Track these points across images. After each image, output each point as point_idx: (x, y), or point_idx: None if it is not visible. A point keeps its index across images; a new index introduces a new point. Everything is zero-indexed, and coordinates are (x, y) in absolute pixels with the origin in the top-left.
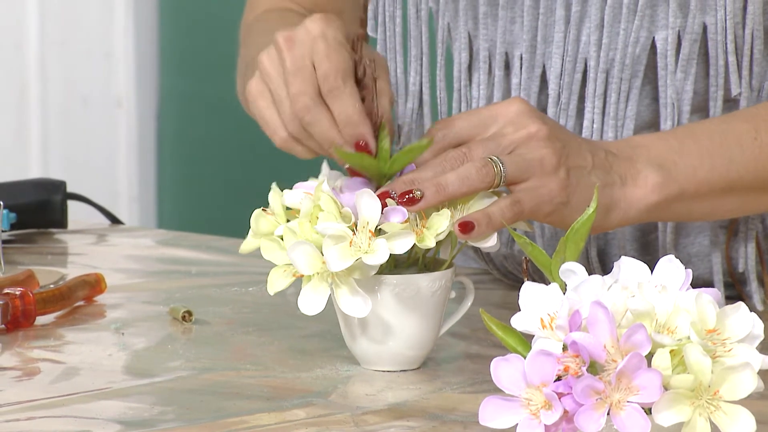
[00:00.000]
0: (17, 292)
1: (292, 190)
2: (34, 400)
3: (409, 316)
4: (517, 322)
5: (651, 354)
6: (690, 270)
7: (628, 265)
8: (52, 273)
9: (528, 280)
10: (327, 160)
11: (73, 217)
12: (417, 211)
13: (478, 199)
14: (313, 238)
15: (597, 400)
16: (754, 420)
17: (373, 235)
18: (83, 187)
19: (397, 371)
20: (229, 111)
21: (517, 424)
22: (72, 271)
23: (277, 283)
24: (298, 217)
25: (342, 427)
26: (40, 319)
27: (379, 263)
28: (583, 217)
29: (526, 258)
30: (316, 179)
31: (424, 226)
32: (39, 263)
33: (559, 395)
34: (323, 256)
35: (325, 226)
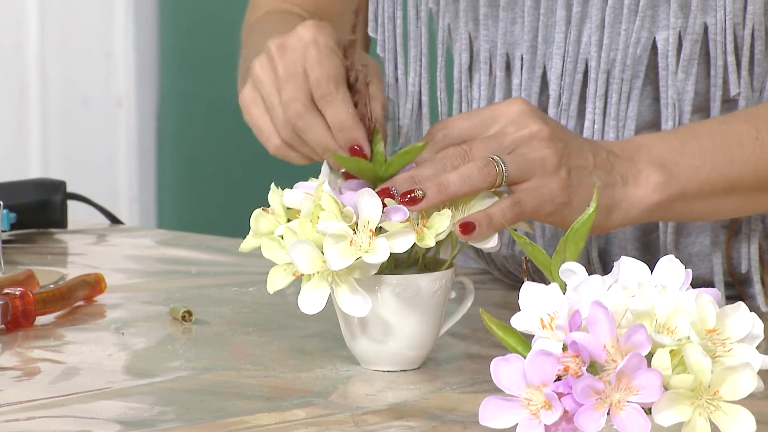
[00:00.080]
0: (17, 292)
1: (292, 190)
2: (34, 400)
3: (409, 316)
4: (517, 322)
5: (651, 354)
6: (690, 270)
7: (628, 265)
8: (52, 273)
9: (528, 280)
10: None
11: (73, 217)
12: (418, 211)
13: (479, 199)
14: (313, 237)
15: (597, 400)
16: (754, 420)
17: (374, 235)
18: (83, 187)
19: (397, 371)
20: (229, 111)
21: (517, 424)
22: (72, 271)
23: (276, 281)
24: (297, 217)
25: (342, 427)
26: (40, 319)
27: (380, 262)
28: (583, 217)
29: (526, 258)
30: (316, 179)
31: (425, 225)
32: (39, 263)
33: (559, 395)
34: (323, 255)
35: (326, 224)
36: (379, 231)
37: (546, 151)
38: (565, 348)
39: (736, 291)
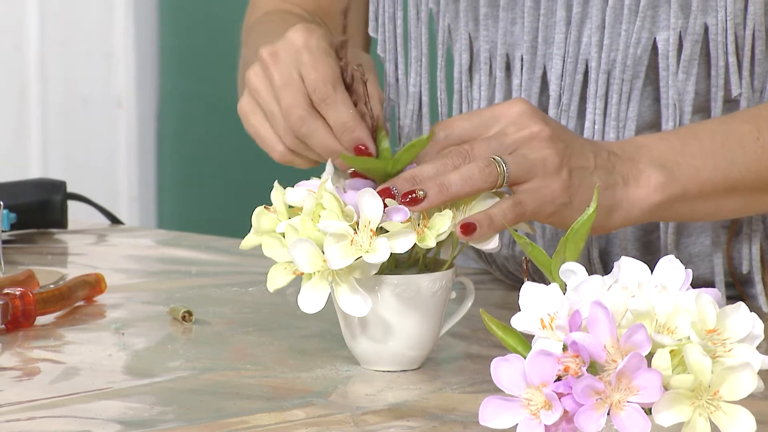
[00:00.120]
0: (17, 292)
1: (295, 187)
2: (34, 400)
3: (409, 316)
4: (517, 323)
5: (651, 354)
6: (690, 270)
7: (628, 265)
8: (52, 273)
9: (528, 280)
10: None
11: (73, 217)
12: (419, 211)
13: (480, 199)
14: (314, 236)
15: (597, 400)
16: (754, 420)
17: (375, 234)
18: (83, 187)
19: (397, 371)
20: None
21: (517, 424)
22: (72, 271)
23: (276, 280)
24: (299, 215)
25: (342, 427)
26: (40, 319)
27: (380, 262)
28: (583, 217)
29: (526, 258)
30: (319, 178)
31: (426, 225)
32: (39, 263)
33: (559, 395)
34: (324, 255)
35: (327, 224)
36: (380, 231)
37: (547, 151)
38: (565, 348)
39: (736, 291)
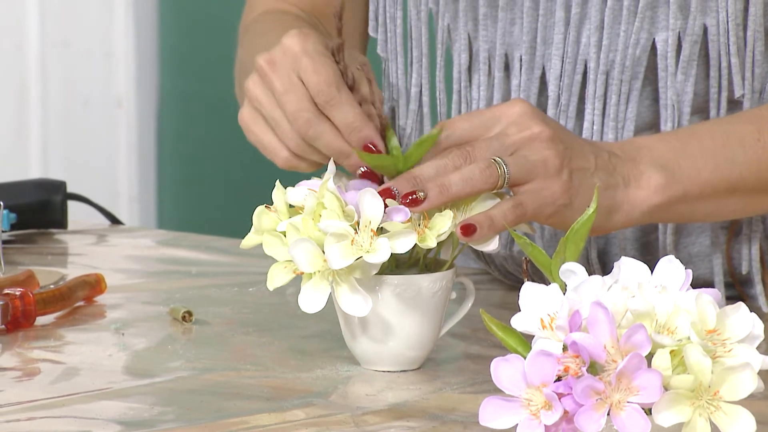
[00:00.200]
0: (17, 293)
1: (296, 187)
2: (35, 401)
3: (409, 316)
4: (517, 323)
5: (651, 354)
6: (690, 270)
7: (628, 266)
8: (52, 273)
9: (528, 280)
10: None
11: (73, 217)
12: (420, 212)
13: (480, 200)
14: (315, 235)
15: (597, 400)
16: (754, 420)
17: (375, 234)
18: (83, 188)
19: (397, 371)
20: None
21: (517, 424)
22: (72, 271)
23: (276, 278)
24: (300, 214)
25: (342, 428)
26: (40, 320)
27: (381, 262)
28: (583, 218)
29: (526, 258)
30: (320, 178)
31: (426, 226)
32: (39, 263)
33: (559, 395)
34: (324, 254)
35: (328, 223)
36: (380, 231)
37: (547, 152)
38: (565, 348)
39: (736, 291)
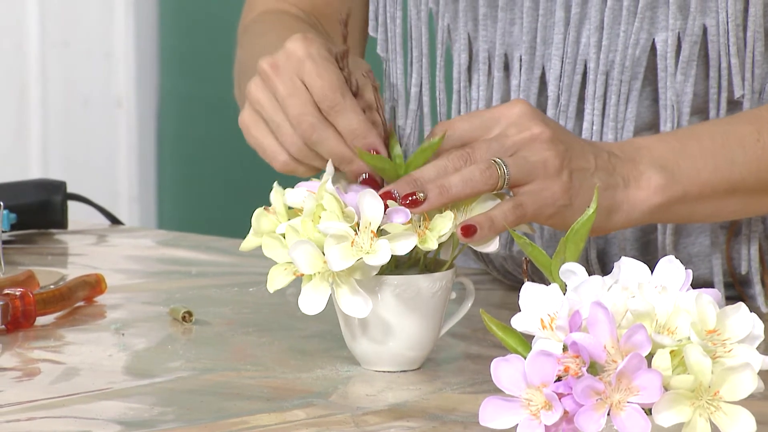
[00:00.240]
0: (17, 293)
1: (294, 189)
2: (35, 401)
3: (409, 316)
4: (518, 323)
5: (651, 354)
6: (690, 270)
7: (628, 266)
8: (53, 273)
9: (528, 280)
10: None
11: (74, 217)
12: (420, 213)
13: (480, 201)
14: (314, 237)
15: (597, 400)
16: (755, 420)
17: (375, 236)
18: (83, 188)
19: (397, 372)
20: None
21: (517, 424)
22: (72, 271)
23: (277, 280)
24: (299, 216)
25: (342, 428)
26: (41, 320)
27: (381, 264)
28: (583, 218)
29: (526, 258)
30: (318, 180)
31: (427, 227)
32: (39, 264)
33: (560, 396)
34: (324, 256)
35: (328, 225)
36: (380, 233)
37: (547, 153)
38: (565, 348)
39: (736, 291)
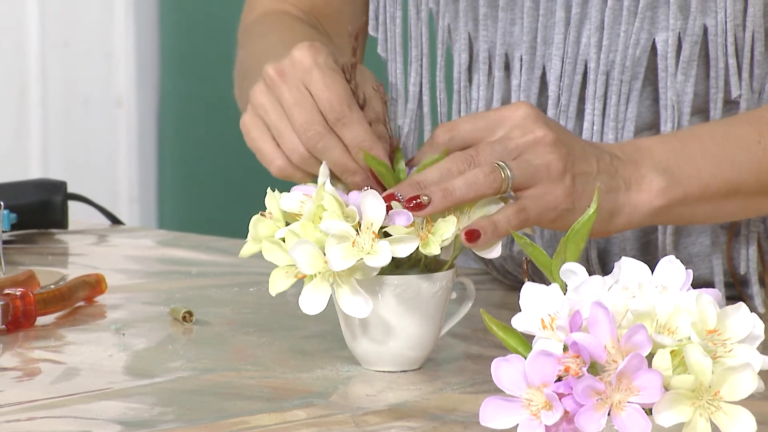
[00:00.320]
0: (18, 293)
1: (289, 193)
2: (35, 401)
3: (410, 316)
4: (518, 323)
5: (651, 354)
6: (690, 270)
7: (629, 266)
8: (53, 273)
9: (528, 280)
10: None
11: (74, 217)
12: (424, 216)
13: (483, 204)
14: (315, 237)
15: (597, 400)
16: (755, 420)
17: (377, 237)
18: (83, 188)
19: (397, 372)
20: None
21: (517, 424)
22: (72, 271)
23: (278, 283)
24: (296, 220)
25: (342, 428)
26: (41, 320)
27: (381, 265)
28: (583, 218)
29: (526, 258)
30: (314, 184)
31: (429, 231)
32: (39, 264)
33: (560, 396)
34: (325, 256)
35: (329, 224)
36: (382, 234)
37: (551, 156)
38: (565, 348)
39: (736, 291)
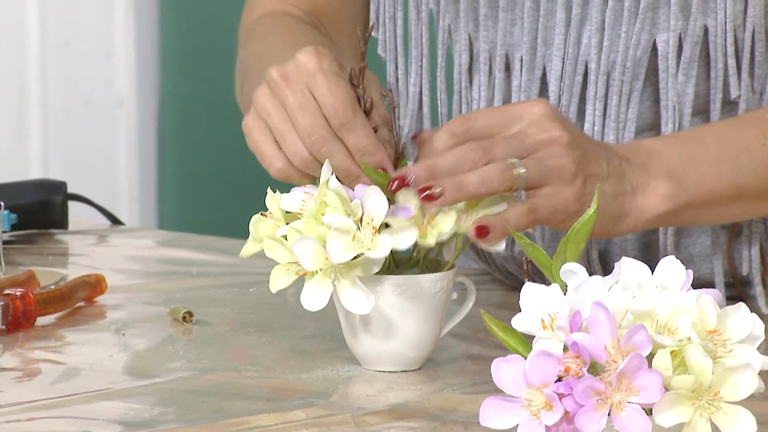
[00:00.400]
0: (18, 293)
1: (290, 193)
2: (35, 401)
3: (410, 316)
4: (518, 323)
5: (652, 355)
6: (691, 271)
7: (629, 266)
8: (53, 274)
9: (528, 281)
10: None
11: (74, 217)
12: (435, 207)
13: (486, 204)
14: (317, 233)
15: (598, 400)
16: (755, 421)
17: (377, 232)
18: (84, 188)
19: (398, 372)
20: (229, 111)
21: (517, 424)
22: (73, 271)
23: (279, 280)
24: (297, 219)
25: (343, 428)
26: (41, 320)
27: (382, 257)
28: (583, 218)
29: (526, 259)
30: (313, 186)
31: (429, 223)
32: (40, 264)
33: (560, 396)
34: (326, 250)
35: (332, 218)
36: (384, 225)
37: (564, 159)
38: (565, 349)
39: (737, 292)
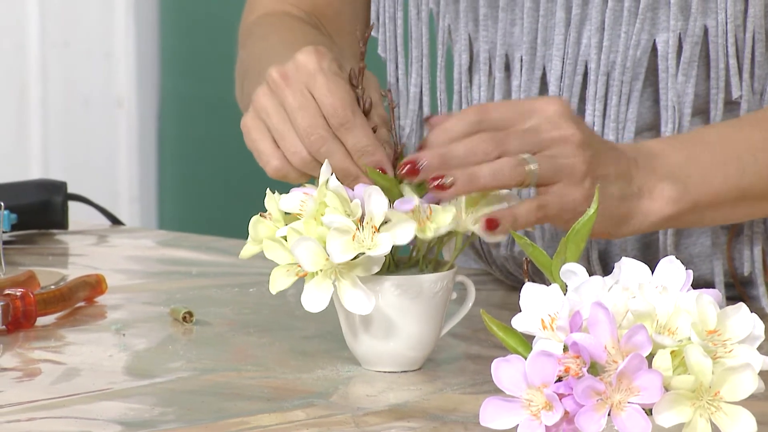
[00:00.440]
0: (18, 293)
1: (288, 194)
2: (35, 401)
3: (410, 316)
4: (518, 323)
5: (652, 355)
6: (691, 271)
7: (629, 266)
8: (53, 274)
9: (528, 281)
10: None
11: (74, 217)
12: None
13: (488, 202)
14: (317, 233)
15: (598, 400)
16: (755, 421)
17: (377, 231)
18: (84, 188)
19: (398, 372)
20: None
21: (517, 424)
22: (73, 271)
23: (279, 282)
24: (296, 220)
25: (343, 428)
26: (41, 320)
27: (383, 254)
28: (583, 218)
29: (526, 259)
30: (312, 185)
31: (428, 218)
32: (40, 264)
33: (560, 396)
34: (326, 252)
35: (332, 218)
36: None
37: (576, 159)
38: (565, 349)
39: (737, 292)
